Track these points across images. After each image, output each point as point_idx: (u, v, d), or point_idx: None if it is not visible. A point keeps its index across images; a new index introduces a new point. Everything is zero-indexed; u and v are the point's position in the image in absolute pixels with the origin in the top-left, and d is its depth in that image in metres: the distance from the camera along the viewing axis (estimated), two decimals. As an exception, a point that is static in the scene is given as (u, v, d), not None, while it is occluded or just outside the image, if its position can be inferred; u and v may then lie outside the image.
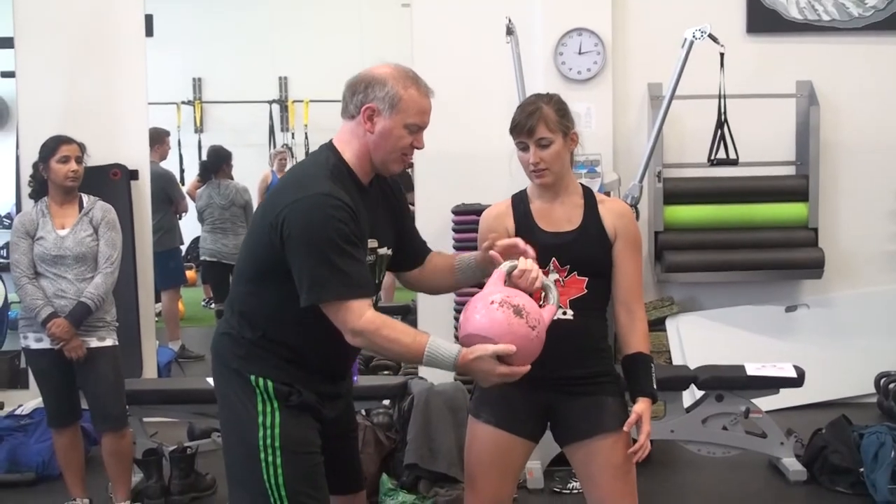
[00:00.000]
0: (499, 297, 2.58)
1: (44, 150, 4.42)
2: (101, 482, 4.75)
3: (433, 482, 4.72)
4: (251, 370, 2.68)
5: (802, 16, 6.39)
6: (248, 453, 2.66)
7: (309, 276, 2.54)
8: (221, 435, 2.83)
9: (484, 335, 2.54)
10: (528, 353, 2.57)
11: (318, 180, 2.59)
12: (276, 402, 2.66)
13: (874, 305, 6.43)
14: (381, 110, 2.65)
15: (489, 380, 2.58)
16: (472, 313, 2.59)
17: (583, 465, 2.93)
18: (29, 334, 4.38)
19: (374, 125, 2.66)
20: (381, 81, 2.66)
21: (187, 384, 5.56)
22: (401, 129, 2.67)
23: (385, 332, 2.55)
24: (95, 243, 4.38)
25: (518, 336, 2.53)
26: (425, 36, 6.30)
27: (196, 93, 11.44)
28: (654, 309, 6.23)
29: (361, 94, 2.67)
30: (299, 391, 2.68)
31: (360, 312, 2.54)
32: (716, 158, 5.68)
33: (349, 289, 2.54)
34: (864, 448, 4.74)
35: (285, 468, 2.64)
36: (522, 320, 2.55)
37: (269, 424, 2.65)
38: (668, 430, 4.96)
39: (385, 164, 2.72)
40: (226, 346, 2.75)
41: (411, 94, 2.69)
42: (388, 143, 2.67)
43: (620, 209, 3.00)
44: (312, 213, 2.53)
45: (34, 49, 6.16)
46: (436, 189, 6.26)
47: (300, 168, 2.74)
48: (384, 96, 2.65)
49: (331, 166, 2.66)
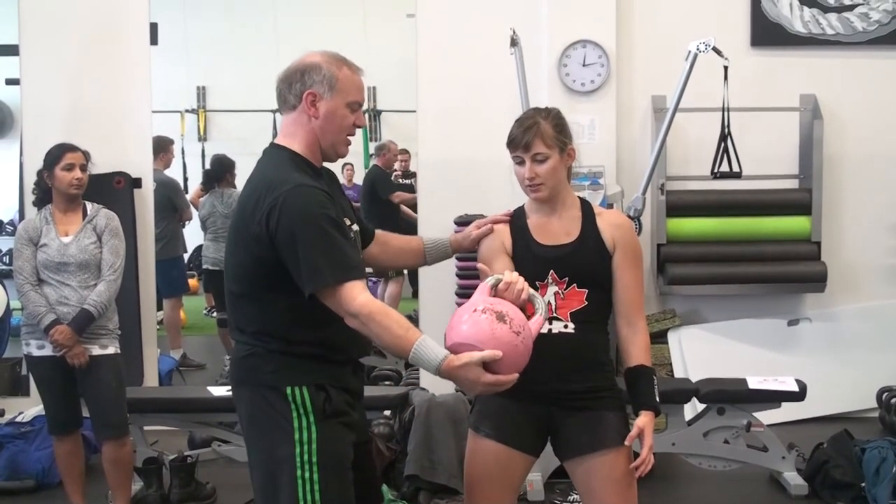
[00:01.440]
0: (482, 306, 2.58)
1: (48, 157, 4.42)
2: (101, 490, 4.75)
3: (433, 493, 4.72)
4: (286, 382, 2.66)
5: (807, 29, 6.40)
6: (282, 472, 2.64)
7: (305, 266, 2.55)
8: (249, 459, 2.77)
9: (468, 342, 2.52)
10: (514, 360, 2.54)
11: (287, 175, 2.62)
12: (313, 415, 2.64)
13: (876, 320, 6.42)
14: (322, 94, 2.70)
15: (475, 388, 2.56)
16: (457, 323, 2.59)
17: (583, 480, 2.92)
18: (31, 341, 4.38)
19: (317, 109, 2.70)
20: (316, 67, 2.71)
21: (188, 393, 5.57)
22: (343, 108, 2.72)
23: (379, 318, 2.55)
24: (99, 251, 4.38)
25: (502, 342, 2.51)
26: (430, 46, 6.32)
27: (200, 101, 11.47)
28: (656, 321, 6.22)
29: (299, 83, 2.71)
30: (331, 395, 2.67)
31: (355, 294, 2.55)
32: (719, 171, 5.68)
33: (345, 272, 2.56)
34: (865, 463, 4.73)
35: (322, 483, 2.62)
36: (506, 326, 2.53)
37: (305, 440, 2.63)
38: (670, 444, 4.95)
39: (334, 146, 2.76)
40: (253, 367, 2.72)
41: (346, 73, 2.73)
42: (333, 124, 2.72)
43: (619, 220, 3.00)
44: (296, 205, 2.56)
45: (39, 56, 6.18)
46: (439, 199, 6.27)
47: (260, 173, 2.73)
48: (321, 79, 2.69)
49: (287, 160, 2.69)
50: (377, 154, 9.53)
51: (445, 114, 6.31)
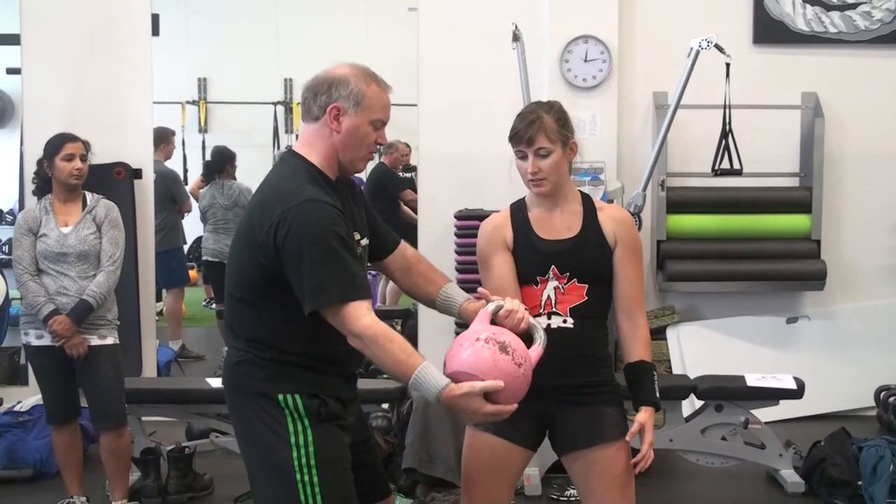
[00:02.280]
0: (485, 335, 2.57)
1: (48, 147, 4.42)
2: (98, 480, 4.76)
3: (430, 487, 4.72)
4: (278, 389, 2.64)
5: (809, 28, 6.39)
6: (281, 477, 2.63)
7: (309, 284, 2.53)
8: (247, 467, 2.76)
9: (469, 372, 2.52)
10: (514, 391, 2.55)
11: (300, 188, 2.59)
12: (308, 419, 2.63)
13: (875, 318, 6.42)
14: (347, 109, 2.66)
15: (474, 418, 2.57)
16: (459, 351, 2.58)
17: (581, 475, 2.93)
18: (30, 331, 4.39)
19: (340, 124, 2.67)
20: (344, 81, 2.67)
21: (186, 384, 5.56)
22: (367, 125, 2.69)
23: (382, 342, 2.53)
24: (98, 241, 4.38)
25: (504, 373, 2.51)
26: (431, 41, 6.31)
27: (201, 93, 11.45)
28: (656, 318, 6.22)
29: (325, 95, 2.67)
30: (325, 401, 2.66)
31: (359, 314, 2.53)
32: (720, 168, 5.67)
33: (349, 291, 2.54)
34: (862, 461, 4.73)
35: (322, 486, 2.62)
36: (509, 357, 2.53)
37: (301, 444, 2.62)
38: (667, 440, 4.95)
39: (353, 162, 2.73)
40: (245, 374, 2.71)
41: (373, 91, 2.69)
42: (355, 140, 2.69)
43: (620, 215, 2.99)
44: (305, 221, 2.53)
45: (40, 46, 6.17)
46: (439, 193, 6.28)
47: (274, 181, 2.71)
48: (348, 95, 2.66)
49: (304, 171, 2.66)
50: (385, 152, 9.51)
51: (446, 108, 6.31)
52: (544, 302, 2.89)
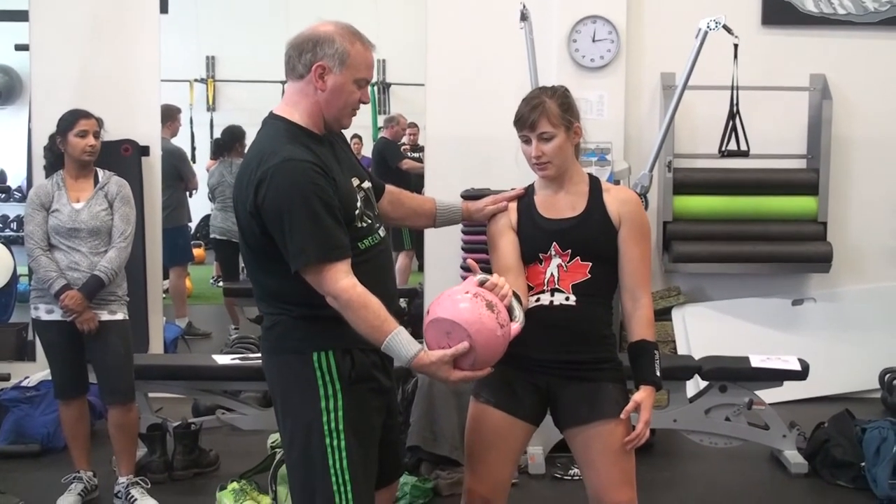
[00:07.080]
0: (474, 291, 2.61)
1: (62, 123, 4.43)
2: (105, 455, 4.79)
3: (435, 465, 4.75)
4: (313, 347, 2.67)
5: (818, 9, 6.37)
6: (313, 441, 2.67)
7: (291, 244, 2.56)
8: (281, 429, 2.80)
9: (453, 320, 2.55)
10: (490, 351, 2.58)
11: (279, 148, 2.61)
12: (339, 382, 2.67)
13: (881, 301, 6.43)
14: (332, 67, 2.67)
15: (446, 384, 2.66)
16: (445, 300, 2.61)
17: (582, 449, 2.95)
18: (40, 305, 4.41)
19: (325, 83, 2.68)
20: (329, 39, 2.68)
21: (193, 360, 5.59)
22: (351, 84, 2.70)
23: (356, 306, 2.57)
24: (110, 217, 4.40)
25: (486, 328, 2.55)
26: (440, 20, 6.31)
27: (209, 71, 11.46)
28: (661, 298, 6.24)
29: (310, 53, 2.68)
30: (357, 361, 2.68)
31: (337, 277, 2.56)
32: (727, 150, 5.67)
33: (326, 251, 2.56)
34: (866, 443, 4.75)
35: (348, 451, 2.66)
36: (493, 315, 2.57)
37: (332, 408, 2.66)
38: (671, 420, 4.97)
39: (338, 119, 2.75)
40: (280, 335, 2.74)
41: (358, 49, 2.70)
42: (339, 99, 2.70)
43: (625, 196, 3.01)
44: (283, 181, 2.55)
45: (49, 22, 6.17)
46: (445, 173, 6.28)
47: (255, 147, 2.73)
48: (333, 53, 2.67)
49: (283, 132, 2.68)
50: (386, 126, 9.54)
51: (454, 88, 6.30)
52: (547, 279, 2.92)
